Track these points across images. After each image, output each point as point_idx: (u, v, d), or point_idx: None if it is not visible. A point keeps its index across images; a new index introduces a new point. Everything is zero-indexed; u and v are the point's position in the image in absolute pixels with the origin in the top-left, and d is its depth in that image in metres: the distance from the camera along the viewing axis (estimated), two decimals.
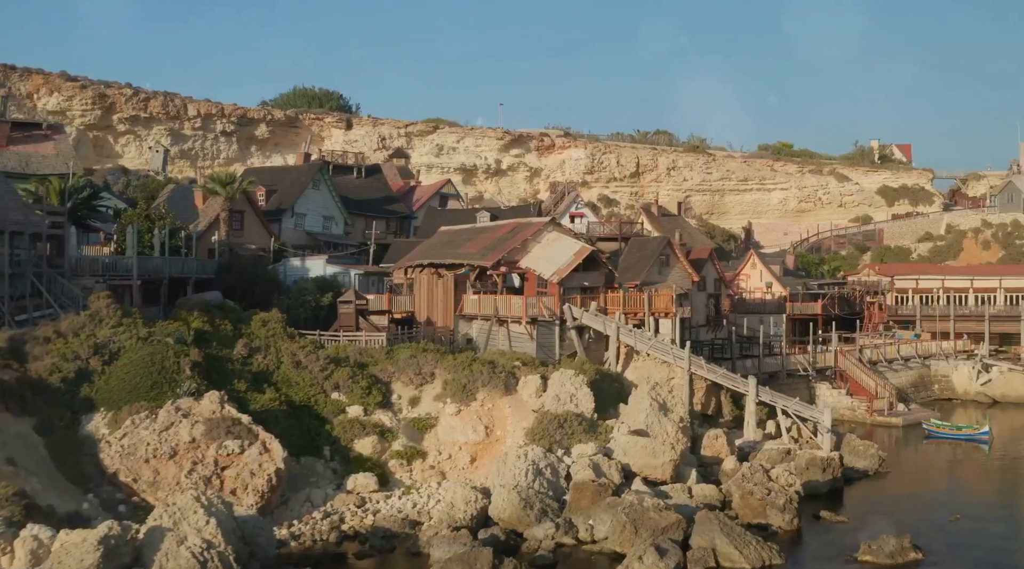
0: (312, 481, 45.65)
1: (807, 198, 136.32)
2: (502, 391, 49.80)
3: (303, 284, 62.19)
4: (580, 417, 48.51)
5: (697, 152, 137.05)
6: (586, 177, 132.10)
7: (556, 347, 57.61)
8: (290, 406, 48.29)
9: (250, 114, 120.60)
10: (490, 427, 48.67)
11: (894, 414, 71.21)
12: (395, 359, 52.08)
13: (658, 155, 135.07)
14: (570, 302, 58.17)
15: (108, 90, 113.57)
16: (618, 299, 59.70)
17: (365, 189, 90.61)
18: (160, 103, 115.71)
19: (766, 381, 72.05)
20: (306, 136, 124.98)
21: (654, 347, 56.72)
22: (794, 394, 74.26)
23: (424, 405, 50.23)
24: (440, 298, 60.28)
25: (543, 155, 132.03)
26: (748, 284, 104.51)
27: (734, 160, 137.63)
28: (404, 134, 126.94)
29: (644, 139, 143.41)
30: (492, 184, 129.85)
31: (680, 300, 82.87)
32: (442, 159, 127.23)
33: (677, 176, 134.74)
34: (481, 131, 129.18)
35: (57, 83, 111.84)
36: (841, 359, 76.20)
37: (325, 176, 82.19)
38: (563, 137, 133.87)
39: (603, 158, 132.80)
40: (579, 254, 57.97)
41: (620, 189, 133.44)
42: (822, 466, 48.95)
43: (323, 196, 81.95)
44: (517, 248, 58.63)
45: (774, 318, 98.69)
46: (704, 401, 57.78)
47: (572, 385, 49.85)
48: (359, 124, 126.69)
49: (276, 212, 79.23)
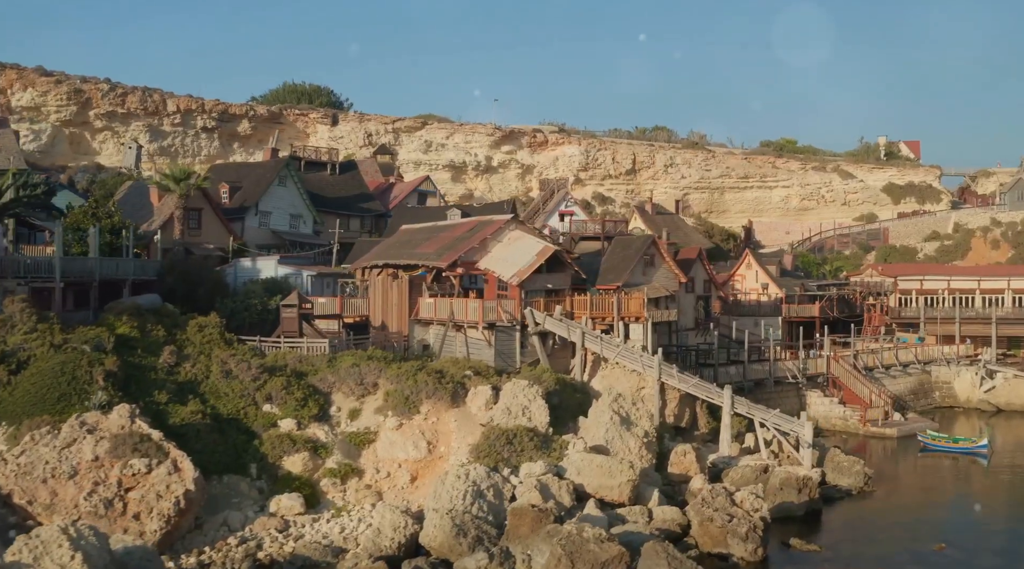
0: (234, 502, 41.77)
1: (810, 196, 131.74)
2: (448, 403, 45.75)
3: (251, 286, 58.29)
4: (532, 432, 44.40)
5: (696, 149, 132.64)
6: (580, 174, 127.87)
7: (517, 354, 53.51)
8: (216, 419, 44.40)
9: (231, 110, 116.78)
10: (433, 443, 44.60)
11: (889, 424, 66.84)
12: (336, 368, 48.10)
13: (655, 152, 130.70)
14: (532, 306, 54.07)
15: (84, 85, 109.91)
16: (585, 302, 55.55)
17: (339, 186, 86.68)
18: (138, 98, 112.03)
19: (752, 389, 67.92)
20: (291, 132, 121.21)
21: (622, 354, 52.55)
22: (783, 403, 70.07)
23: (364, 418, 46.24)
24: (395, 301, 56.26)
25: (536, 152, 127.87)
26: (743, 285, 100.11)
27: (734, 157, 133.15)
28: (391, 130, 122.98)
29: (642, 136, 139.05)
30: (483, 182, 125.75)
31: (666, 302, 79.00)
32: (430, 156, 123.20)
33: (675, 173, 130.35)
34: (471, 127, 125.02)
35: (31, 78, 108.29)
36: (834, 365, 71.79)
37: (292, 172, 78.25)
38: (557, 133, 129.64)
39: (598, 155, 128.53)
40: (541, 254, 53.85)
41: (616, 187, 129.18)
42: (798, 486, 44.69)
43: (290, 193, 78.03)
44: (475, 248, 54.56)
45: (769, 321, 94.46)
46: (677, 412, 53.55)
47: (525, 397, 45.73)
48: (345, 120, 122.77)
49: (239, 210, 75.42)
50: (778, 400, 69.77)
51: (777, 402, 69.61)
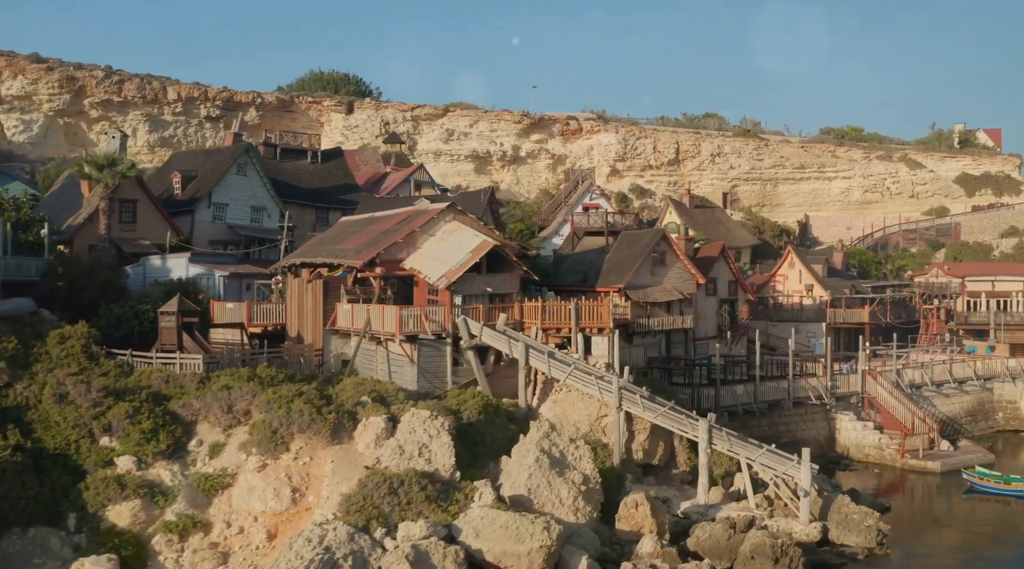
0: (37, 563, 32.73)
1: (873, 188, 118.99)
2: (327, 439, 36.07)
3: (151, 289, 49.35)
4: (430, 478, 34.53)
5: (747, 137, 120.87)
6: (617, 165, 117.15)
7: (447, 374, 43.62)
8: (37, 456, 35.49)
9: (237, 97, 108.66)
10: (301, 490, 34.98)
11: (932, 456, 55.47)
12: (204, 391, 38.74)
13: (701, 140, 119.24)
14: (470, 314, 44.08)
15: (78, 72, 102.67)
16: (536, 310, 45.32)
17: (320, 177, 77.58)
18: (136, 86, 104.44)
19: (765, 413, 57.05)
20: (303, 121, 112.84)
21: (574, 375, 42.25)
22: (806, 429, 59.00)
23: (227, 456, 36.84)
24: (309, 307, 46.74)
25: (568, 140, 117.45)
26: (786, 286, 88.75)
27: (790, 145, 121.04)
28: (410, 118, 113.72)
29: (689, 123, 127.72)
30: (509, 173, 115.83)
31: (680, 307, 68.42)
32: (452, 146, 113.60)
33: (723, 163, 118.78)
34: (497, 114, 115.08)
35: (21, 65, 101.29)
36: (870, 382, 60.36)
37: (254, 159, 69.27)
38: (592, 120, 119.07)
39: (637, 143, 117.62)
40: (477, 251, 43.83)
41: (656, 178, 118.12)
42: (774, 555, 34.02)
43: (252, 183, 69.07)
44: (399, 243, 44.79)
45: (812, 328, 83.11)
46: (648, 447, 43.12)
47: (425, 432, 35.82)
48: (361, 108, 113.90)
49: (191, 202, 66.73)
50: (800, 425, 58.83)
51: (798, 427, 58.72)
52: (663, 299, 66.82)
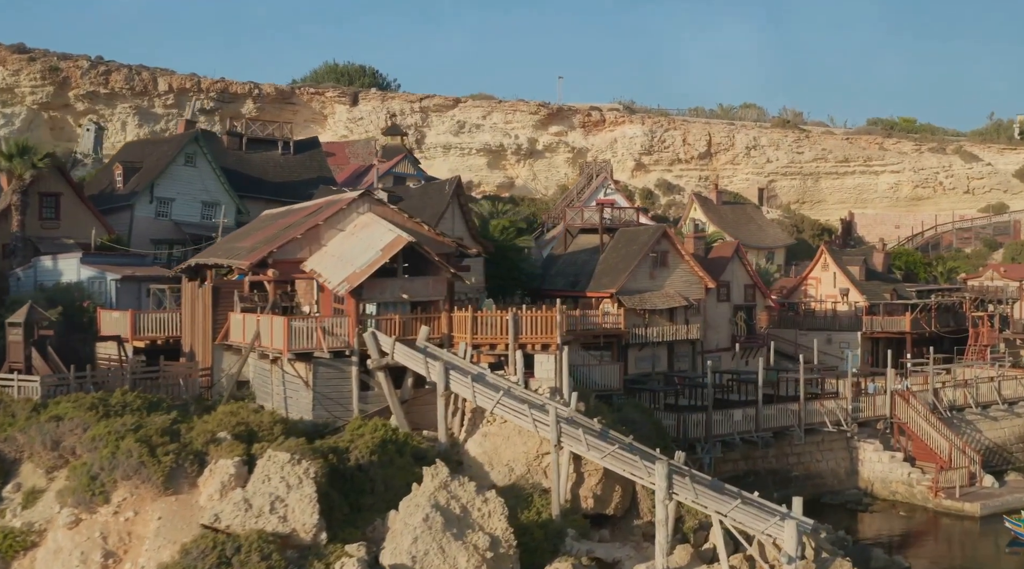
0: None
1: (924, 182, 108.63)
2: (159, 487, 28.24)
3: (35, 295, 41.91)
4: (283, 541, 26.55)
5: (786, 128, 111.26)
6: (642, 158, 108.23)
7: (353, 401, 35.56)
8: None
9: (232, 88, 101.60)
10: (117, 555, 27.19)
11: (971, 495, 46.40)
12: (30, 424, 31.10)
13: (735, 131, 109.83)
14: (383, 326, 35.99)
15: (62, 63, 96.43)
16: (464, 322, 37.05)
17: (290, 169, 70.05)
18: (123, 77, 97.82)
19: (770, 443, 48.31)
20: (306, 114, 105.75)
21: (504, 403, 33.93)
22: (822, 460, 50.15)
23: (43, 505, 29.21)
24: (200, 316, 38.90)
25: (590, 133, 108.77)
26: (818, 291, 79.52)
27: (833, 137, 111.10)
28: (419, 109, 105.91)
29: (725, 114, 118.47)
30: (525, 168, 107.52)
31: (685, 314, 59.97)
32: (462, 138, 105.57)
33: (759, 157, 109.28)
34: (512, 105, 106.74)
35: (2, 55, 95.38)
36: (900, 404, 51.27)
37: (203, 148, 61.87)
38: (616, 111, 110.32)
39: (665, 135, 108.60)
40: (389, 248, 35.66)
41: (686, 173, 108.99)
42: None
43: (202, 176, 61.66)
44: (298, 239, 36.84)
45: (846, 337, 73.90)
46: (601, 493, 34.63)
47: (283, 480, 27.82)
48: (366, 99, 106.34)
49: (129, 197, 59.58)
50: (815, 455, 50.08)
51: (812, 458, 49.95)
52: (663, 306, 58.44)
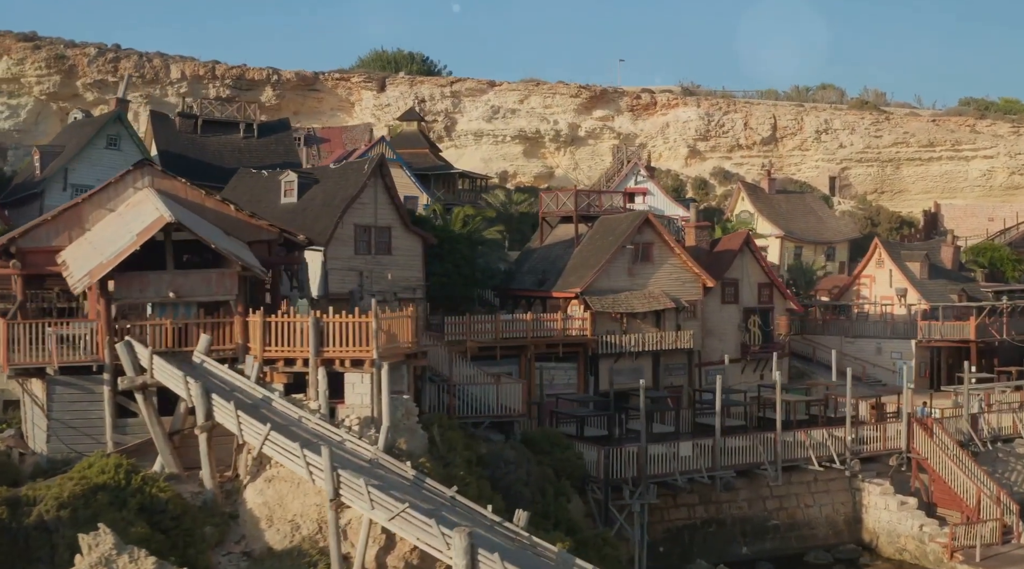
0: None
1: (1022, 169, 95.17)
2: None
3: None
4: None
5: (863, 109, 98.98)
6: (697, 144, 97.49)
7: (107, 429, 27.12)
8: None
9: (249, 74, 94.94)
10: None
11: (999, 558, 35.42)
12: None
13: (804, 114, 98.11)
14: (151, 335, 27.43)
15: (68, 50, 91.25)
16: (255, 329, 28.17)
17: (252, 154, 62.39)
18: (133, 64, 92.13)
19: (730, 484, 38.23)
20: (332, 101, 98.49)
21: (273, 440, 24.98)
22: (813, 504, 39.81)
23: None
24: None
25: (639, 117, 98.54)
26: (872, 291, 68.14)
27: (917, 119, 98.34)
28: (449, 94, 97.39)
29: (798, 96, 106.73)
30: (566, 156, 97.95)
31: (677, 319, 50.33)
32: (496, 125, 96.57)
33: (830, 141, 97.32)
34: (551, 87, 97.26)
35: (6, 44, 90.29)
36: (920, 435, 40.40)
37: (129, 130, 54.63)
38: (669, 93, 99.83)
39: (724, 119, 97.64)
40: (145, 233, 27.05)
41: (747, 160, 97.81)
42: None
43: (127, 160, 53.96)
44: (51, 223, 28.73)
45: (899, 346, 62.66)
46: (419, 562, 25.37)
47: None
48: (393, 84, 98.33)
49: (40, 184, 52.66)
50: (803, 500, 39.93)
51: (801, 502, 39.63)
52: (643, 308, 48.73)
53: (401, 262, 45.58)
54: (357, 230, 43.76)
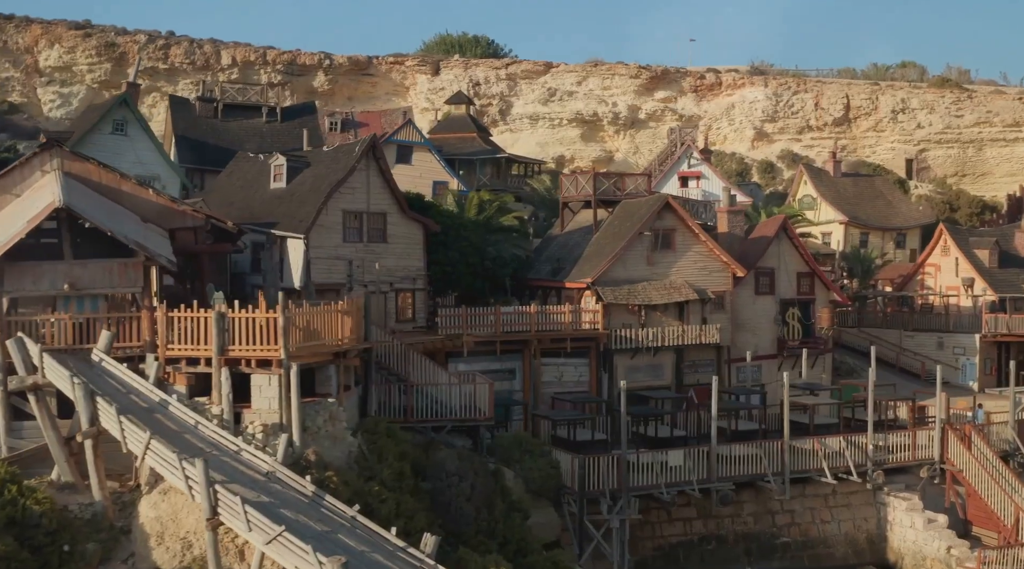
0: None
1: None
2: None
3: None
4: None
5: (944, 87, 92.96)
6: (765, 126, 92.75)
7: (0, 432, 24.72)
8: None
9: (300, 59, 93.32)
10: None
11: None
12: None
13: (879, 93, 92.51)
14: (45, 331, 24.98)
15: (119, 38, 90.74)
16: (158, 325, 25.46)
17: (274, 138, 60.15)
18: (183, 51, 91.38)
19: (729, 497, 34.51)
20: (386, 85, 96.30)
21: (154, 450, 22.30)
22: (831, 520, 35.90)
23: None
24: None
25: (703, 98, 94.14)
26: (937, 281, 63.12)
27: (1003, 97, 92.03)
28: (505, 76, 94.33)
29: (876, 74, 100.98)
30: (625, 140, 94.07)
31: (703, 311, 46.78)
32: (552, 107, 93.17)
33: (907, 122, 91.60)
34: (609, 68, 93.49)
35: (58, 32, 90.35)
36: (956, 445, 36.08)
37: (136, 114, 52.69)
38: (735, 73, 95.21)
39: (793, 99, 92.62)
40: (36, 218, 24.55)
41: (818, 142, 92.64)
42: None
43: (134, 146, 52.33)
44: None
45: (963, 340, 57.82)
46: None
47: None
48: (448, 67, 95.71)
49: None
50: (819, 514, 35.95)
51: (813, 519, 35.78)
52: (662, 300, 45.14)
53: (398, 250, 42.81)
54: (346, 216, 41.06)
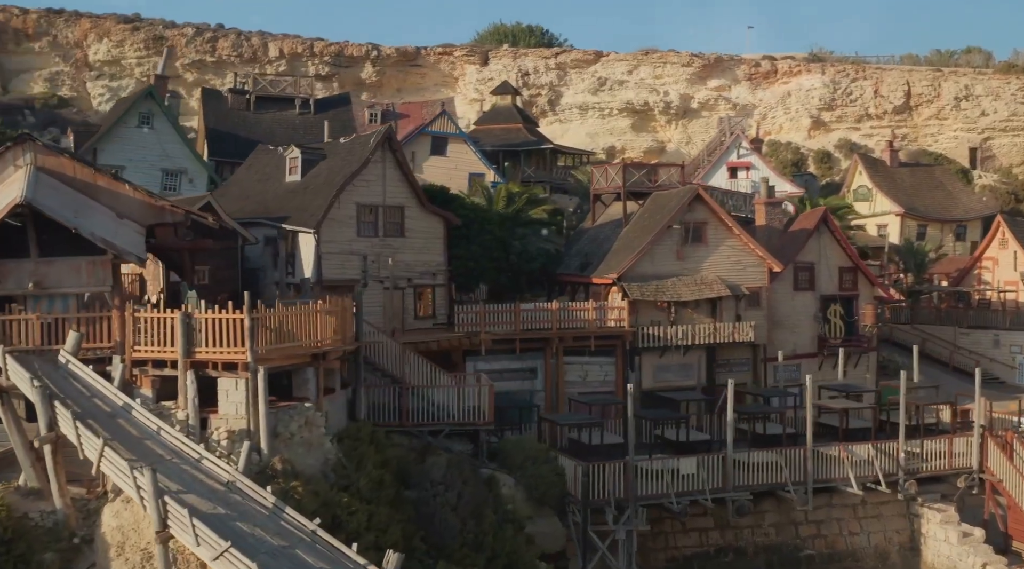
0: None
1: None
2: None
3: None
4: None
5: (1010, 74, 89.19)
6: (822, 114, 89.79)
7: None
8: None
9: (348, 50, 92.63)
10: None
11: None
12: None
13: (942, 79, 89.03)
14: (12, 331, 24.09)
15: (167, 31, 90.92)
16: (125, 325, 24.40)
17: (307, 130, 59.32)
18: (231, 43, 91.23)
19: (747, 508, 32.69)
20: (434, 76, 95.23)
21: (108, 457, 21.27)
22: (860, 531, 33.91)
23: None
24: None
25: (758, 86, 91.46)
26: (996, 276, 60.29)
27: None
28: (554, 66, 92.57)
29: (939, 60, 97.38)
30: (677, 130, 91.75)
31: (737, 308, 44.97)
32: (602, 97, 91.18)
33: (971, 109, 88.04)
34: (660, 56, 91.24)
35: (107, 27, 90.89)
36: (996, 453, 33.85)
37: (162, 106, 52.13)
38: (791, 60, 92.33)
39: (851, 87, 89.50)
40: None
41: (877, 131, 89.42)
42: None
43: (160, 139, 51.89)
44: None
45: (1017, 338, 55.13)
46: None
47: None
48: (496, 57, 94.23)
49: None
50: (847, 526, 33.91)
51: (840, 530, 33.81)
52: (692, 297, 43.34)
53: (417, 245, 41.56)
54: (361, 210, 39.86)
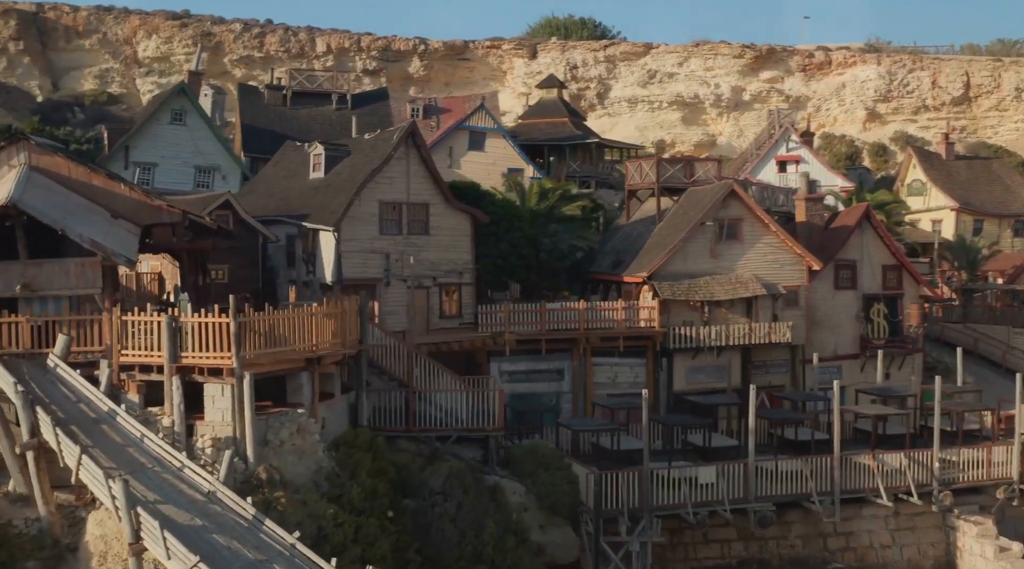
0: None
1: None
2: None
3: None
4: None
5: None
6: (878, 106, 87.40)
7: None
8: None
9: (395, 45, 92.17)
10: None
11: None
12: None
13: (1002, 69, 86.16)
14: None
15: (214, 27, 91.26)
16: (111, 330, 23.79)
17: (343, 126, 58.76)
18: (278, 39, 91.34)
19: (769, 519, 31.40)
20: (483, 70, 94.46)
21: (86, 468, 20.69)
22: (892, 544, 32.42)
23: None
24: None
25: (812, 78, 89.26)
26: None
27: None
28: (603, 59, 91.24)
29: (1001, 49, 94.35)
30: (729, 123, 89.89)
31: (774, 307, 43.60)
32: (651, 90, 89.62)
33: None
34: (711, 47, 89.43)
35: (155, 23, 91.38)
36: None
37: (195, 103, 51.91)
38: (846, 50, 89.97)
39: (908, 78, 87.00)
40: None
41: (934, 123, 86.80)
42: None
43: (192, 135, 51.67)
44: None
45: None
46: None
47: None
48: (545, 50, 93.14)
49: (102, 163, 50.71)
50: (878, 537, 32.58)
51: (871, 542, 32.45)
52: (726, 296, 42.07)
53: (443, 243, 40.76)
54: (383, 207, 39.14)
